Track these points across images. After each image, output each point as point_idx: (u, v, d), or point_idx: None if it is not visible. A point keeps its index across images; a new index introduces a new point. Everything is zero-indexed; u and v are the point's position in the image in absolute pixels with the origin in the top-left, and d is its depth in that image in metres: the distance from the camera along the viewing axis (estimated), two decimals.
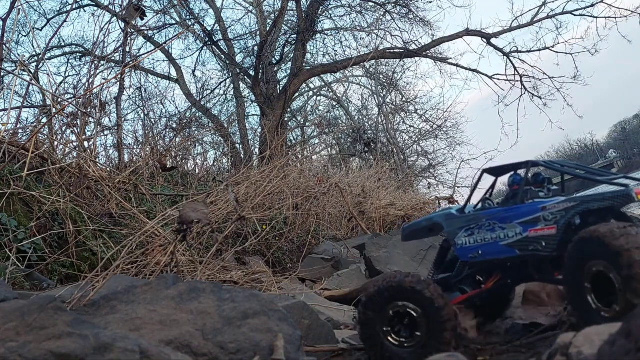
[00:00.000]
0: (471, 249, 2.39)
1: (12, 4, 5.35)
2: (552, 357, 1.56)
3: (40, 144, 4.43)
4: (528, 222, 2.21)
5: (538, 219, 2.19)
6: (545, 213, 2.18)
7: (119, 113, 6.39)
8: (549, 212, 2.17)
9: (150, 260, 3.34)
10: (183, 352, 1.52)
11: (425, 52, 14.34)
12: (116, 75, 6.01)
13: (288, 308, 2.42)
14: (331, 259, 5.80)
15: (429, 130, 20.17)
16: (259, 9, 14.93)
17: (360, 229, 8.35)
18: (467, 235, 2.40)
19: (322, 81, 19.11)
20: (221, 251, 4.67)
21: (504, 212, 2.31)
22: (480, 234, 2.36)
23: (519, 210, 2.27)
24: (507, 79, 14.45)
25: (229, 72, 15.40)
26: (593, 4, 13.08)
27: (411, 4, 13.46)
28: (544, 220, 2.18)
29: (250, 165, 7.78)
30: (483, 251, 2.34)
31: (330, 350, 2.52)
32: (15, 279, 3.15)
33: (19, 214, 3.75)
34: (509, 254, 2.27)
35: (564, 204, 2.15)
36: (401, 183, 13.62)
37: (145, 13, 7.07)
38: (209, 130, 12.49)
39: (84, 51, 12.59)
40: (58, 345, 1.26)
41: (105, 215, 4.19)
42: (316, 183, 7.66)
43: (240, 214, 4.05)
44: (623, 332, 1.19)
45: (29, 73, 5.96)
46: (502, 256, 2.29)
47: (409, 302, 2.17)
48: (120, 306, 1.71)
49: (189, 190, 5.88)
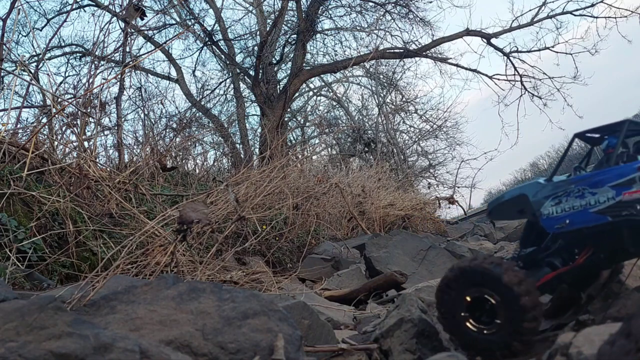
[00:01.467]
0: (558, 218, 2.16)
1: (12, 4, 5.36)
2: (552, 357, 1.56)
3: (40, 144, 4.43)
4: (622, 185, 1.99)
5: (633, 181, 1.96)
6: None
7: (119, 113, 6.38)
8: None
9: (150, 260, 3.33)
10: (183, 352, 1.53)
11: (425, 52, 14.35)
12: (116, 75, 6.01)
13: (288, 308, 2.42)
14: (331, 259, 5.80)
15: (429, 130, 20.19)
16: (259, 9, 14.93)
17: (360, 229, 8.36)
18: (554, 204, 2.18)
19: (322, 81, 19.13)
20: (221, 251, 4.68)
21: (595, 176, 2.08)
22: (568, 202, 2.13)
23: (611, 172, 2.03)
24: (507, 79, 14.48)
25: (229, 72, 15.40)
26: (593, 4, 13.10)
27: (411, 4, 13.47)
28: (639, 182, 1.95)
29: (250, 165, 7.78)
30: (571, 220, 2.12)
31: (330, 350, 2.52)
32: (15, 279, 3.15)
33: (19, 214, 3.75)
34: (600, 221, 2.04)
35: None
36: (401, 183, 13.62)
37: (145, 13, 7.07)
38: (209, 130, 12.50)
39: (84, 51, 12.59)
40: (58, 345, 1.26)
41: (105, 215, 4.19)
42: (316, 183, 7.66)
43: (240, 214, 4.05)
44: (623, 332, 1.20)
45: (29, 73, 5.96)
46: (592, 224, 2.07)
47: (486, 288, 2.04)
48: (120, 306, 1.71)
49: (189, 190, 5.88)
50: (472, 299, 2.09)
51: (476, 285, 2.07)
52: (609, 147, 2.22)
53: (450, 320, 2.17)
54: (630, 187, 1.97)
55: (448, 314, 2.17)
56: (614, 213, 2.00)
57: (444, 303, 2.19)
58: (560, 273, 2.24)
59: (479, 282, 2.06)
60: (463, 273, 2.12)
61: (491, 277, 2.02)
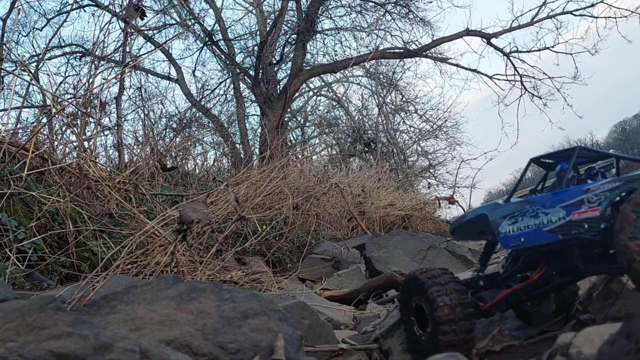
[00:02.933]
0: (514, 237, 2.33)
1: (12, 4, 5.36)
2: (552, 357, 1.56)
3: (40, 144, 4.43)
4: (572, 205, 2.14)
5: (582, 201, 2.11)
6: (589, 195, 2.10)
7: (119, 113, 6.38)
8: (592, 193, 2.09)
9: (150, 260, 3.33)
10: (183, 352, 1.53)
11: (425, 52, 14.35)
12: (116, 75, 6.01)
13: (288, 308, 2.42)
14: (331, 259, 5.81)
15: (429, 130, 20.18)
16: (259, 9, 14.93)
17: (360, 229, 8.36)
18: (511, 224, 2.35)
19: (322, 81, 19.13)
20: (221, 251, 4.68)
21: (548, 198, 2.25)
22: (523, 221, 2.30)
23: (563, 194, 2.20)
24: (507, 79, 14.47)
25: (229, 72, 15.40)
26: (593, 4, 13.10)
27: (411, 4, 13.47)
28: (587, 203, 2.09)
29: (250, 165, 7.79)
30: (525, 238, 2.28)
31: (330, 350, 2.52)
32: (15, 279, 3.15)
33: (19, 214, 3.75)
34: (551, 239, 2.19)
35: (609, 184, 2.08)
36: (401, 183, 13.63)
37: (145, 13, 7.07)
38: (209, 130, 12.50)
39: (84, 51, 12.59)
40: (58, 345, 1.26)
41: (105, 215, 4.19)
42: (316, 183, 7.66)
43: (240, 214, 4.05)
44: (623, 332, 1.20)
45: (29, 73, 5.96)
46: (544, 242, 2.22)
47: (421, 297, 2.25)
48: (120, 306, 1.71)
49: (189, 190, 5.88)
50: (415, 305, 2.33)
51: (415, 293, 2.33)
52: (562, 171, 2.38)
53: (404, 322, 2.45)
54: (580, 208, 2.12)
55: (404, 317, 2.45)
56: (564, 231, 2.15)
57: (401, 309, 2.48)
58: (515, 290, 2.39)
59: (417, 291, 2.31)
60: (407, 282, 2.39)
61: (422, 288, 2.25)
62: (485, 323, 2.80)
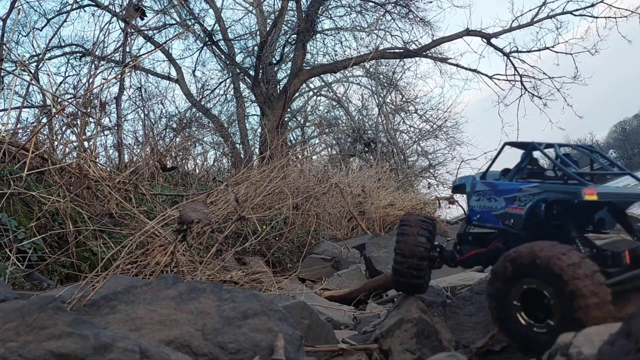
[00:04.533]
0: (475, 212, 2.54)
1: (12, 4, 5.36)
2: (552, 357, 1.56)
3: (40, 144, 4.43)
4: (509, 199, 2.34)
5: (515, 198, 2.31)
6: (520, 194, 2.29)
7: (119, 113, 6.38)
8: (523, 193, 2.28)
9: (150, 260, 3.33)
10: (183, 352, 1.52)
11: (425, 52, 14.36)
12: (116, 75, 6.01)
13: (288, 308, 2.42)
14: (331, 259, 5.80)
15: (429, 130, 20.20)
16: (259, 9, 14.94)
17: (360, 229, 8.36)
18: (477, 200, 2.55)
19: (322, 81, 19.14)
20: (221, 251, 4.68)
21: (499, 186, 2.45)
22: (482, 201, 2.51)
23: (506, 186, 2.40)
24: (507, 79, 14.49)
25: (229, 72, 15.41)
26: (593, 4, 13.12)
27: (411, 4, 13.48)
28: (518, 200, 2.29)
29: (250, 165, 7.79)
30: (481, 216, 2.50)
31: (330, 350, 2.52)
32: (15, 279, 3.15)
33: (19, 214, 3.75)
34: (495, 224, 2.41)
35: (534, 189, 2.25)
36: (401, 183, 13.64)
37: (145, 13, 7.06)
38: (209, 130, 12.51)
39: (84, 51, 12.60)
40: (58, 345, 1.26)
41: (105, 215, 4.19)
42: (316, 183, 7.66)
43: (240, 214, 4.05)
44: (623, 332, 1.19)
45: (29, 73, 5.96)
46: (490, 225, 2.44)
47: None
48: (120, 306, 1.71)
49: (189, 190, 5.88)
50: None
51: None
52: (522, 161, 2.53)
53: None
54: (513, 203, 2.30)
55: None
56: (502, 220, 2.35)
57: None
58: (477, 252, 2.58)
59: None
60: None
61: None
62: (486, 323, 2.80)
